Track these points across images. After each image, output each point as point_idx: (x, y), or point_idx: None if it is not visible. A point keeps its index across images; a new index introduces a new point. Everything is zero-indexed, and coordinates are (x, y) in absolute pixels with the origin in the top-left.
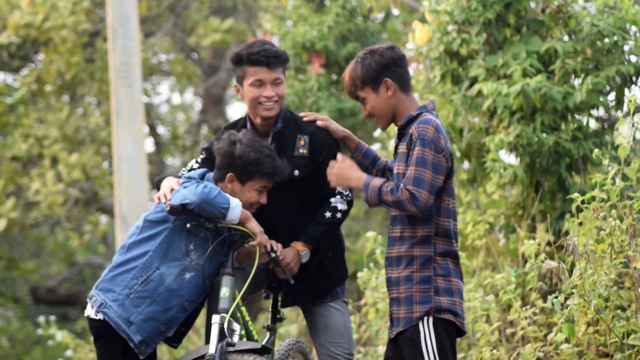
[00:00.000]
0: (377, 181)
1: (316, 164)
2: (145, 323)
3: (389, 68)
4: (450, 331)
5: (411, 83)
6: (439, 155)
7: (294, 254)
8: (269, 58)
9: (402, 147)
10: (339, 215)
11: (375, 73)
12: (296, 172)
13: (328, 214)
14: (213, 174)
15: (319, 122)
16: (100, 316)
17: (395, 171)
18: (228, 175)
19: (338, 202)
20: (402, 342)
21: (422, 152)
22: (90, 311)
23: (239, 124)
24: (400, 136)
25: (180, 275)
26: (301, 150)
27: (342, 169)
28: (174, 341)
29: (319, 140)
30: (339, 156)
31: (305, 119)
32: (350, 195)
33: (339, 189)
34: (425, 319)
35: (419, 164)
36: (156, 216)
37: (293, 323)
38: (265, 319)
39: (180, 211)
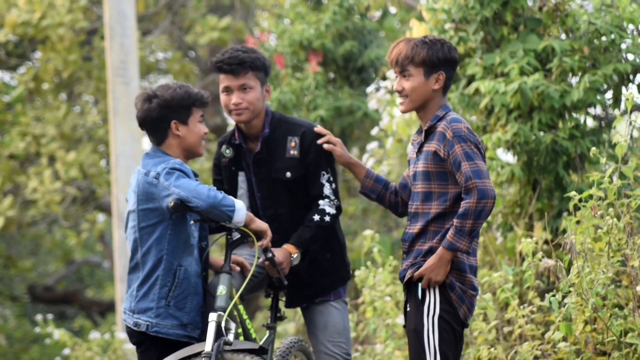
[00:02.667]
0: (449, 234)
1: (305, 162)
2: (197, 316)
3: (449, 66)
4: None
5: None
6: (478, 146)
7: (286, 255)
8: (232, 65)
9: (430, 146)
10: (327, 218)
11: (438, 62)
12: (288, 174)
13: (316, 217)
14: (151, 144)
15: (325, 146)
16: (143, 329)
17: (417, 169)
18: (172, 123)
19: (326, 205)
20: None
21: (467, 147)
22: (130, 322)
23: (230, 135)
24: (427, 135)
25: (195, 257)
26: (292, 152)
27: (432, 269)
28: None
29: (309, 139)
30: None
31: (316, 129)
32: (337, 201)
33: (326, 192)
34: (432, 299)
35: (469, 158)
36: (148, 221)
37: (290, 321)
38: (262, 317)
39: (183, 208)
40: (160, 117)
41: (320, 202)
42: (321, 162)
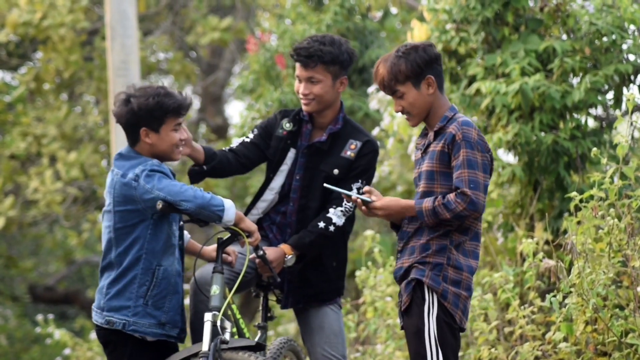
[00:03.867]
0: (427, 203)
1: (352, 167)
2: (176, 315)
3: (432, 65)
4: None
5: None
6: (485, 155)
7: (280, 254)
8: (300, 57)
9: (437, 146)
10: (331, 228)
11: (420, 69)
12: (336, 171)
13: (322, 224)
14: (127, 144)
15: None
16: (119, 327)
17: (424, 168)
18: (141, 131)
19: (335, 215)
20: (407, 324)
21: (471, 154)
22: (99, 321)
23: (298, 110)
24: (436, 135)
25: (176, 256)
26: (349, 153)
27: (389, 206)
28: None
29: (368, 149)
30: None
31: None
32: (351, 210)
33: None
34: (431, 293)
35: (471, 166)
36: (126, 222)
37: (291, 322)
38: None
39: (172, 210)
40: (129, 123)
41: (331, 210)
42: (365, 172)
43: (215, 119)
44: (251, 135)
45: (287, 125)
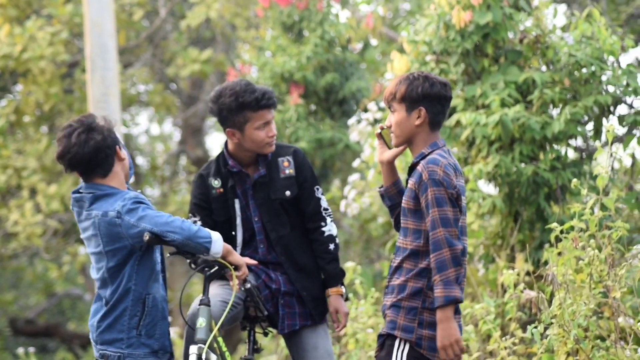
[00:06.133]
0: (439, 291)
1: (300, 180)
2: (166, 340)
3: (430, 101)
4: None
5: (442, 124)
6: (452, 191)
7: (340, 301)
8: (271, 100)
9: (411, 183)
10: (337, 240)
11: (417, 97)
12: (288, 193)
13: (331, 246)
14: (91, 184)
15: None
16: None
17: (402, 204)
18: (117, 149)
19: (329, 229)
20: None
21: (438, 191)
22: (96, 355)
23: (215, 164)
24: (410, 171)
25: (160, 282)
26: (287, 171)
27: (442, 337)
28: None
29: (300, 157)
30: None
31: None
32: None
33: (323, 204)
34: (401, 345)
35: (439, 204)
36: (117, 260)
37: (272, 354)
38: (244, 349)
39: (158, 242)
40: (110, 145)
41: (325, 228)
42: (314, 178)
43: (195, 150)
44: (197, 218)
45: (215, 183)
